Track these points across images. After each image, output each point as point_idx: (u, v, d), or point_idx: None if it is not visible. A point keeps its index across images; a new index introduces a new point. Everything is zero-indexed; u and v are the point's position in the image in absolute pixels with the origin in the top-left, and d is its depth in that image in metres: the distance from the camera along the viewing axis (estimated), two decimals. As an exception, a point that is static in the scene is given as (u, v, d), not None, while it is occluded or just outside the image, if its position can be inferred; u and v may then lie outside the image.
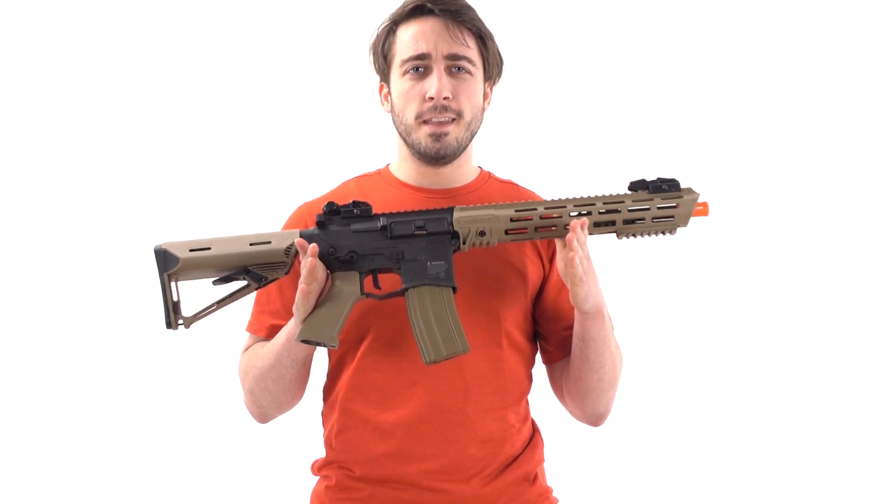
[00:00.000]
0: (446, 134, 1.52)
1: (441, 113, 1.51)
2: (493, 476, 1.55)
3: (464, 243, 1.47)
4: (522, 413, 1.60)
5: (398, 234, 1.47)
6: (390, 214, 1.48)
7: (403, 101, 1.54)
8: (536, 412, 1.66)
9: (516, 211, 1.46)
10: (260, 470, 2.82)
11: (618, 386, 1.60)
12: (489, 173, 1.66)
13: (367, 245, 1.47)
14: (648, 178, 1.49)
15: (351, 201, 1.49)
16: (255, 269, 1.47)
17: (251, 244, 1.47)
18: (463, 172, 1.61)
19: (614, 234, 1.49)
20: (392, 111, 1.58)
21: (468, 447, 1.52)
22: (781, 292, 3.00)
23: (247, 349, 1.62)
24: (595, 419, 1.64)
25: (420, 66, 1.52)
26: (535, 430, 1.64)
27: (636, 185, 1.49)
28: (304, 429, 1.99)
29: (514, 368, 1.57)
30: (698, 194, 1.47)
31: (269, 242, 1.47)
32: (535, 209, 1.46)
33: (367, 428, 1.54)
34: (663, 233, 1.48)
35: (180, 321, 1.48)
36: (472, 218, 1.46)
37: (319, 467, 1.62)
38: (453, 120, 1.52)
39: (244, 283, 1.49)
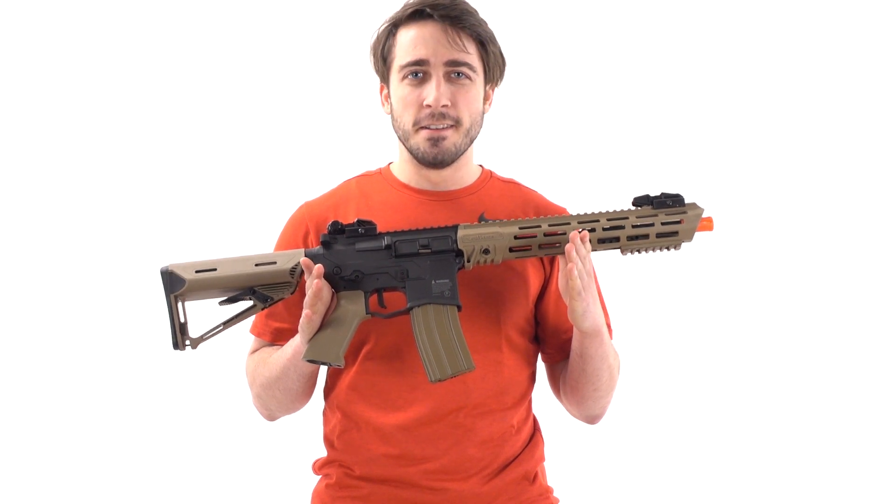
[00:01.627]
0: (444, 139, 1.51)
1: (439, 120, 1.50)
2: (493, 475, 1.56)
3: (468, 261, 1.47)
4: (523, 414, 1.61)
5: (403, 253, 1.47)
6: (395, 233, 1.48)
7: (401, 106, 1.53)
8: (536, 412, 1.66)
9: (520, 228, 1.46)
10: (261, 469, 2.84)
11: (614, 391, 1.61)
12: (490, 172, 1.65)
13: (371, 264, 1.47)
14: (652, 194, 1.48)
15: (356, 220, 1.49)
16: (260, 289, 1.47)
17: (256, 265, 1.47)
18: (463, 174, 1.60)
19: (618, 251, 1.48)
20: (391, 114, 1.57)
21: (468, 448, 1.53)
22: (780, 299, 3.01)
23: (253, 352, 1.63)
24: (591, 419, 1.65)
25: (419, 72, 1.51)
26: (535, 428, 1.65)
27: (640, 201, 1.48)
28: (304, 428, 2.00)
29: (515, 371, 1.57)
30: (703, 209, 1.47)
31: (275, 263, 1.48)
32: (539, 226, 1.46)
33: (368, 430, 1.55)
34: (667, 248, 1.48)
35: (187, 342, 1.48)
36: (477, 236, 1.46)
37: (320, 466, 1.64)
38: (451, 126, 1.51)
39: (250, 303, 1.49)
